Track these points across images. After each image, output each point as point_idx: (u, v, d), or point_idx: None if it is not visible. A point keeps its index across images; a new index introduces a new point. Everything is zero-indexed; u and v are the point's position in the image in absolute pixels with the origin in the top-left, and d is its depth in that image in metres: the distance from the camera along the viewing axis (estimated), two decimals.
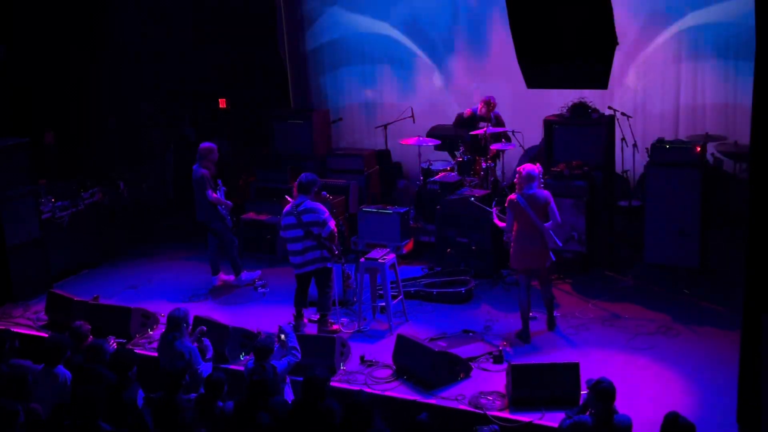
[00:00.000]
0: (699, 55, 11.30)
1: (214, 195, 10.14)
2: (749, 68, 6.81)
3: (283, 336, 7.47)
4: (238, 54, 13.69)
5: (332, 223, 8.72)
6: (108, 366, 6.98)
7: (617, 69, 6.83)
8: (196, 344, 7.70)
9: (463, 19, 12.54)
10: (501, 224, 8.75)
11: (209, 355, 7.81)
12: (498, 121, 11.44)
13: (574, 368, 7.35)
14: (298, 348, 7.48)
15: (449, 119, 12.11)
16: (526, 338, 8.56)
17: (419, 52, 12.95)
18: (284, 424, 6.30)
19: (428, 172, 11.46)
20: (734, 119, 11.17)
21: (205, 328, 7.94)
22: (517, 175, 8.51)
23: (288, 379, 7.33)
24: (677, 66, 11.45)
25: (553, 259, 8.62)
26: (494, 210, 9.11)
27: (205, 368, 7.54)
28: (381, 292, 9.17)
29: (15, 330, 9.13)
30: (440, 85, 12.96)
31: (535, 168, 8.46)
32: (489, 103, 11.30)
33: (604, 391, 6.12)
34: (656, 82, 11.61)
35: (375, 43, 13.18)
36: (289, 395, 7.22)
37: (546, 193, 8.47)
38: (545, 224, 8.39)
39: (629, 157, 11.01)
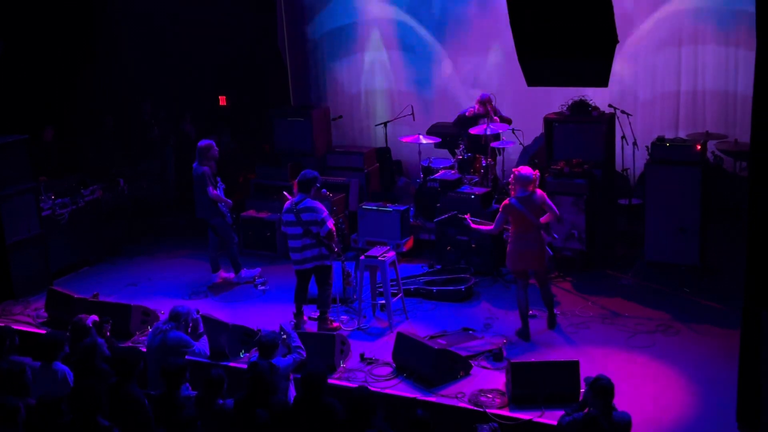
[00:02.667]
0: (699, 51, 11.30)
1: (215, 192, 10.15)
2: (751, 66, 6.80)
3: (284, 336, 7.49)
4: (238, 50, 13.69)
5: (330, 223, 8.72)
6: (111, 362, 6.98)
7: (617, 66, 6.82)
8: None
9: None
10: (483, 228, 8.75)
11: (201, 330, 8.27)
12: (501, 118, 11.41)
13: (573, 366, 7.36)
14: (303, 347, 7.51)
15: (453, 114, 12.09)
16: (525, 336, 8.57)
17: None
18: (285, 421, 6.30)
19: (428, 170, 11.45)
20: (734, 117, 11.17)
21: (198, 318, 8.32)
22: (511, 178, 8.52)
23: (291, 377, 7.34)
24: (678, 63, 11.44)
25: (551, 254, 8.61)
26: (467, 216, 9.09)
27: (200, 346, 8.11)
28: (381, 289, 9.17)
29: (15, 327, 9.11)
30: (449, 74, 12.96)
31: (530, 170, 8.47)
32: (484, 102, 11.28)
33: (602, 388, 6.12)
34: (656, 80, 11.60)
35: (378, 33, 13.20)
36: (293, 393, 7.23)
37: (540, 192, 8.48)
38: (542, 218, 8.39)
39: (629, 155, 11.01)
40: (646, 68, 11.61)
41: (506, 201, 8.44)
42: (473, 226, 8.92)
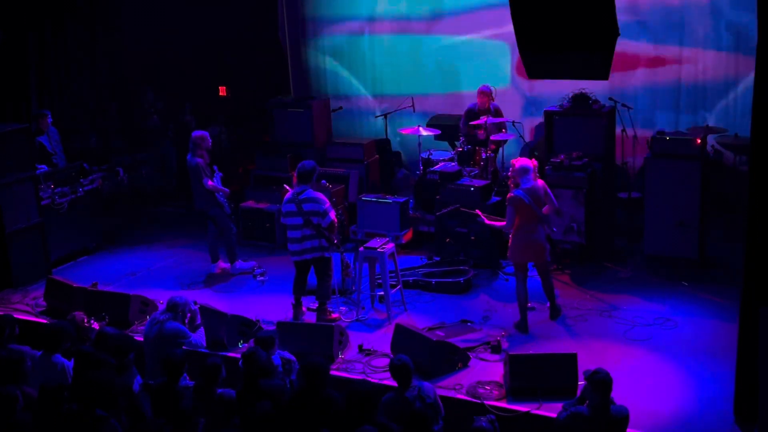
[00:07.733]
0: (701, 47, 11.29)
1: (211, 182, 10.14)
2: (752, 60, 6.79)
3: (287, 367, 7.31)
4: (238, 41, 13.66)
5: (333, 214, 8.73)
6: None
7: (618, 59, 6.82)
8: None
9: None
10: (497, 224, 8.75)
11: (198, 321, 8.37)
12: (497, 113, 11.41)
13: (571, 359, 7.38)
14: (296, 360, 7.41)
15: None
16: (524, 329, 8.58)
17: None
18: (285, 412, 6.31)
19: (428, 162, 11.44)
20: (735, 111, 11.16)
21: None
22: (510, 169, 8.51)
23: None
24: (680, 58, 11.42)
25: (548, 247, 8.61)
26: (479, 212, 9.07)
27: (197, 337, 8.20)
28: (380, 281, 9.18)
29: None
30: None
31: (529, 161, 8.46)
32: (486, 93, 11.26)
33: (600, 381, 6.14)
34: (657, 75, 11.58)
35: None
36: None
37: (541, 182, 8.49)
38: (543, 210, 8.41)
39: (629, 149, 10.99)
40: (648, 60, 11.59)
41: (512, 193, 8.42)
42: (487, 222, 8.90)
